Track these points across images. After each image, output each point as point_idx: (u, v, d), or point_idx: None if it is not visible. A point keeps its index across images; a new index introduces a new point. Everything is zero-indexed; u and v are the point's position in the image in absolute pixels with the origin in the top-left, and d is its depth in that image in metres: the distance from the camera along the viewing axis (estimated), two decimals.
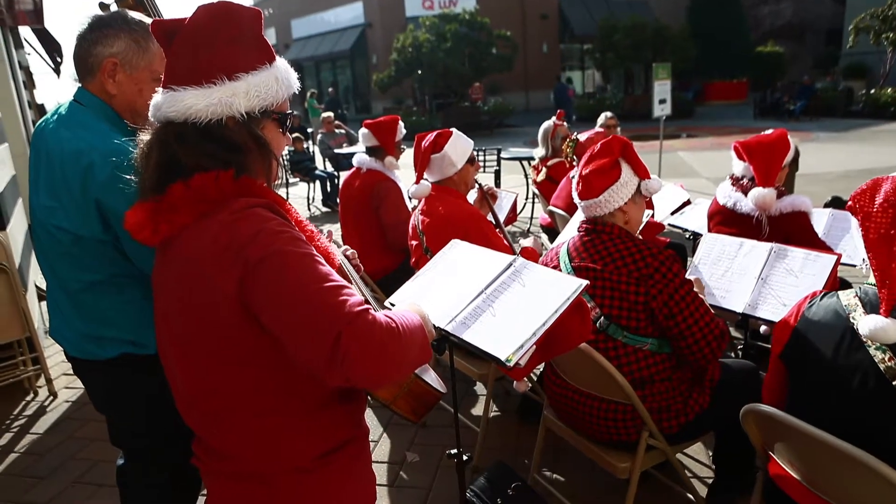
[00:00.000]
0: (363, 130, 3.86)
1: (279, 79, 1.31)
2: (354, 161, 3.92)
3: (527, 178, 7.97)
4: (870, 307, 1.51)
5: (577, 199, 2.23)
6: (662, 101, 9.51)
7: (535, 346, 1.65)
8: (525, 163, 7.97)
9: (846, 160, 11.20)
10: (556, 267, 2.24)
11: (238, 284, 1.09)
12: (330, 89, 26.69)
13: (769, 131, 3.18)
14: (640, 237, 2.44)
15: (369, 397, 1.44)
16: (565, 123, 5.36)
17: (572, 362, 2.17)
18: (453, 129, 3.11)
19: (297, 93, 1.38)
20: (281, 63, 1.34)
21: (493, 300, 1.83)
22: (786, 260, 2.63)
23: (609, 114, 6.40)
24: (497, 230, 3.13)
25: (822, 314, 1.62)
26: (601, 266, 2.10)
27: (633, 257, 2.06)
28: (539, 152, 5.27)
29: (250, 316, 1.12)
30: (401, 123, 3.92)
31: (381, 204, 3.75)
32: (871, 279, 1.57)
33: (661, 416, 2.07)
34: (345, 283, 1.11)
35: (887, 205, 1.44)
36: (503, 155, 8.11)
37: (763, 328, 3.21)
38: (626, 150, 2.18)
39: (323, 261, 1.13)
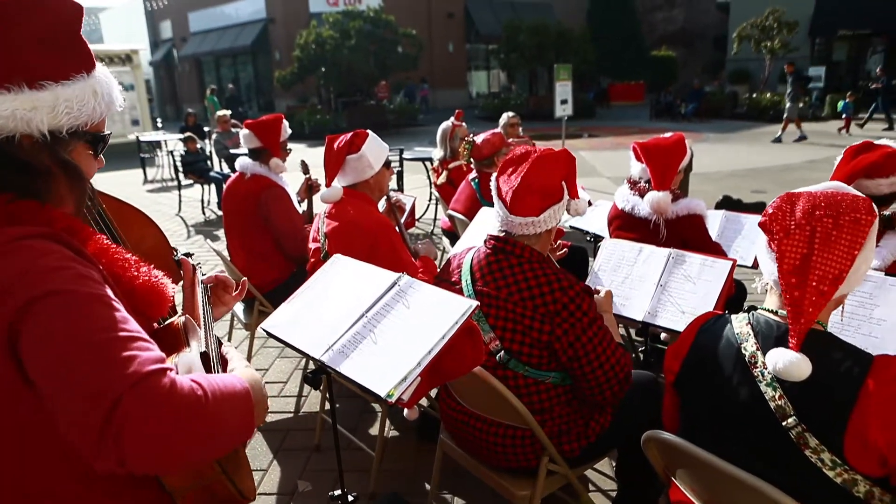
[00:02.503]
0: (244, 131, 3.55)
1: (98, 93, 1.05)
2: (237, 165, 3.61)
3: (430, 179, 7.82)
4: (762, 337, 1.42)
5: (501, 210, 1.95)
6: (564, 102, 9.64)
7: (420, 378, 1.47)
8: (428, 163, 7.82)
9: (734, 159, 11.81)
10: (458, 281, 2.05)
11: (6, 335, 0.85)
12: (230, 86, 25.62)
13: (668, 134, 3.16)
14: (553, 246, 2.31)
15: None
16: (464, 124, 5.22)
17: (468, 386, 2.01)
18: (369, 131, 2.90)
19: (119, 110, 1.12)
20: (102, 73, 1.08)
21: (375, 325, 1.64)
22: (684, 266, 2.60)
23: (511, 113, 6.36)
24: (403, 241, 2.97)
25: (713, 342, 1.52)
26: (505, 294, 1.89)
27: (542, 290, 1.85)
28: (438, 154, 5.12)
29: (22, 374, 0.87)
30: (285, 122, 3.64)
31: (271, 212, 3.47)
32: (766, 303, 1.49)
33: (562, 439, 1.95)
34: (140, 334, 0.87)
35: (805, 222, 1.33)
36: (406, 155, 7.91)
37: (663, 335, 3.20)
38: (572, 169, 1.97)
39: (118, 305, 0.89)
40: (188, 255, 1.43)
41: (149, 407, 0.79)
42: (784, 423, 1.32)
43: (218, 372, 1.12)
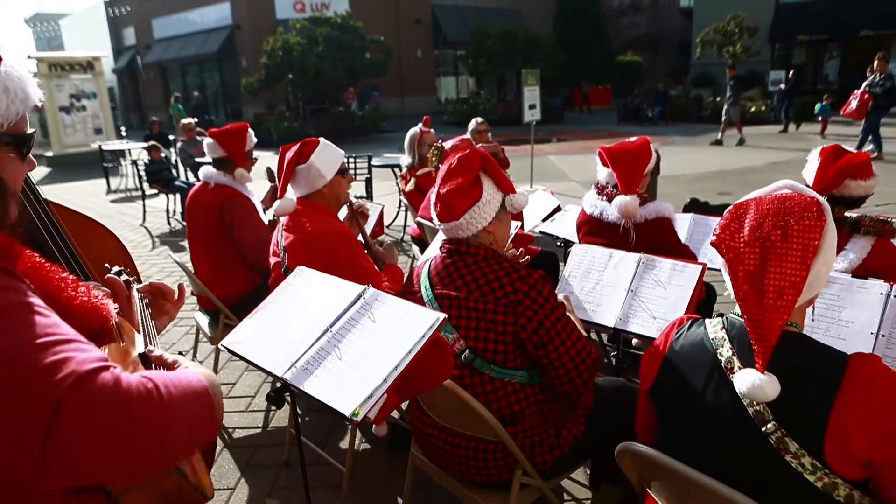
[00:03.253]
0: (207, 140, 3.46)
1: (10, 89, 0.96)
2: (201, 175, 3.51)
3: (399, 185, 7.76)
4: (738, 342, 1.40)
5: (436, 222, 1.99)
6: (532, 107, 9.66)
7: (386, 395, 1.42)
8: (397, 169, 7.75)
9: (700, 162, 11.98)
10: (418, 291, 2.01)
11: None
12: (196, 93, 25.25)
13: (633, 139, 3.16)
14: (510, 252, 2.29)
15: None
16: (432, 130, 5.18)
17: (437, 399, 1.95)
18: (321, 139, 2.81)
19: (39, 105, 1.02)
20: (13, 67, 0.98)
21: (340, 340, 1.58)
22: (654, 271, 2.59)
23: (479, 119, 6.33)
24: (366, 251, 2.89)
25: (688, 348, 1.50)
26: (465, 293, 1.88)
27: (501, 282, 1.85)
28: (406, 160, 5.06)
29: None
30: (250, 131, 3.55)
31: (235, 223, 3.38)
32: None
33: (535, 451, 1.91)
34: (75, 336, 0.80)
35: (753, 239, 1.32)
36: (374, 162, 7.84)
37: (635, 341, 3.19)
38: (487, 165, 1.97)
39: (48, 312, 0.82)
40: (120, 272, 1.35)
41: (93, 407, 0.72)
42: (763, 429, 1.30)
43: None
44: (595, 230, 3.16)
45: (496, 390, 1.88)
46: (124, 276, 1.32)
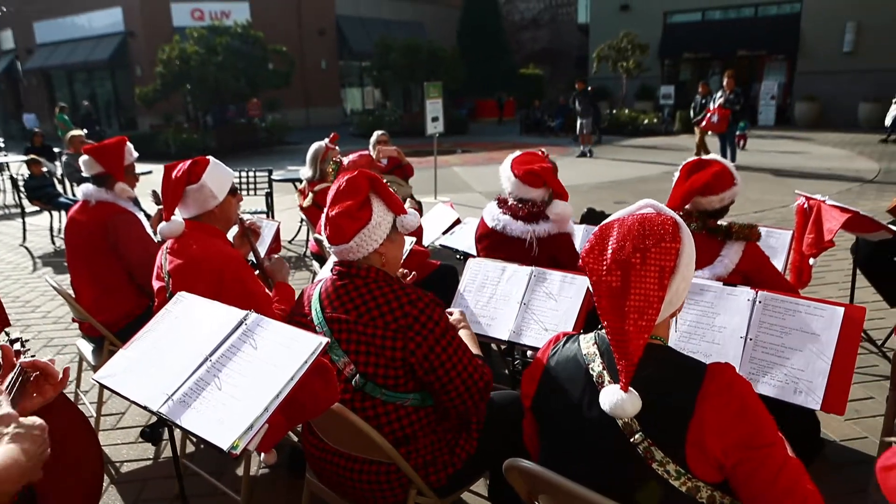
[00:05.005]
0: (83, 157, 3.27)
1: None
2: (79, 193, 3.32)
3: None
4: (607, 357, 1.46)
5: (326, 244, 1.96)
6: (435, 119, 9.76)
7: (268, 425, 1.38)
8: (297, 183, 7.60)
9: (597, 172, 12.50)
10: (309, 314, 1.97)
11: None
12: (85, 103, 23.77)
13: (542, 149, 3.30)
14: (401, 272, 2.28)
15: None
16: (337, 147, 5.13)
17: (329, 423, 1.92)
18: (210, 157, 2.70)
19: None
20: None
21: (220, 369, 1.52)
22: (545, 283, 2.66)
23: (381, 132, 6.35)
24: (257, 272, 2.80)
25: (563, 364, 1.55)
26: (355, 317, 1.85)
27: (390, 306, 1.83)
28: (306, 174, 4.98)
29: None
30: (129, 145, 3.38)
31: (121, 240, 3.21)
32: None
33: (429, 470, 1.91)
34: None
35: (615, 265, 1.38)
36: (277, 175, 7.66)
37: (529, 353, 3.26)
38: (376, 186, 1.95)
39: None
40: (14, 340, 1.28)
41: None
42: (632, 440, 1.37)
43: None
44: (496, 243, 3.22)
45: (388, 413, 1.86)
46: (17, 347, 1.25)
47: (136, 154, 3.45)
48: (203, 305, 1.78)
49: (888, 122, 15.19)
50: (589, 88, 15.29)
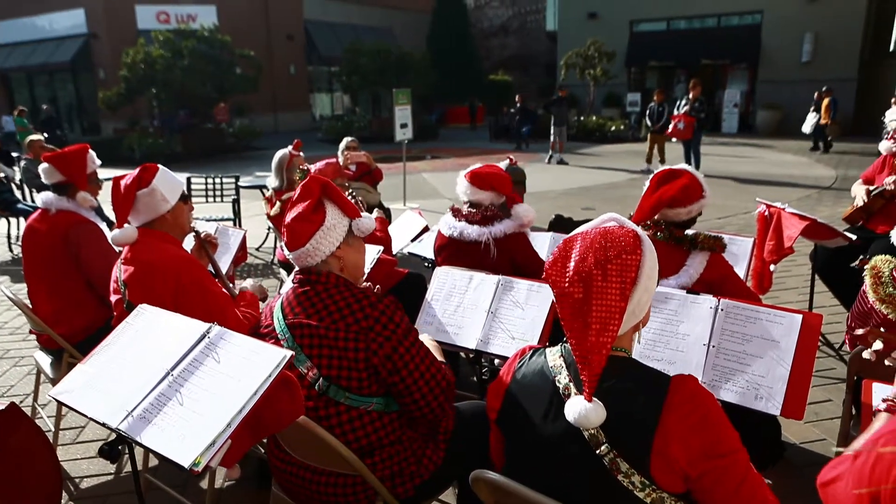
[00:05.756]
0: (43, 165, 3.19)
1: None
2: (39, 201, 3.23)
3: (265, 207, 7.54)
4: (573, 369, 1.47)
5: (286, 251, 1.97)
6: (404, 126, 9.76)
7: (230, 441, 1.36)
8: (264, 190, 7.52)
9: (566, 178, 12.63)
10: (272, 324, 1.96)
11: None
12: (45, 106, 23.20)
13: (502, 164, 3.34)
14: (365, 280, 2.27)
15: None
16: (302, 154, 5.10)
17: (293, 435, 1.90)
18: (159, 165, 2.68)
19: None
20: None
21: (182, 384, 1.50)
22: (512, 292, 2.68)
23: (350, 138, 6.33)
24: (218, 281, 2.76)
25: (530, 377, 1.56)
26: (317, 321, 1.86)
27: (351, 308, 1.85)
28: (273, 183, 4.94)
29: None
30: (91, 153, 3.31)
31: (83, 250, 3.13)
32: None
33: (395, 481, 1.90)
34: None
35: (577, 278, 1.40)
36: (245, 182, 7.57)
37: (497, 361, 3.28)
38: (328, 191, 1.99)
39: None
40: None
41: None
42: (598, 451, 1.38)
43: None
44: (455, 252, 3.25)
45: (352, 420, 1.86)
46: None
47: (98, 162, 3.37)
48: (165, 318, 1.75)
49: (806, 129, 15.78)
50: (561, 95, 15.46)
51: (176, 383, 1.49)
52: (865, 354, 2.09)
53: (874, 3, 19.85)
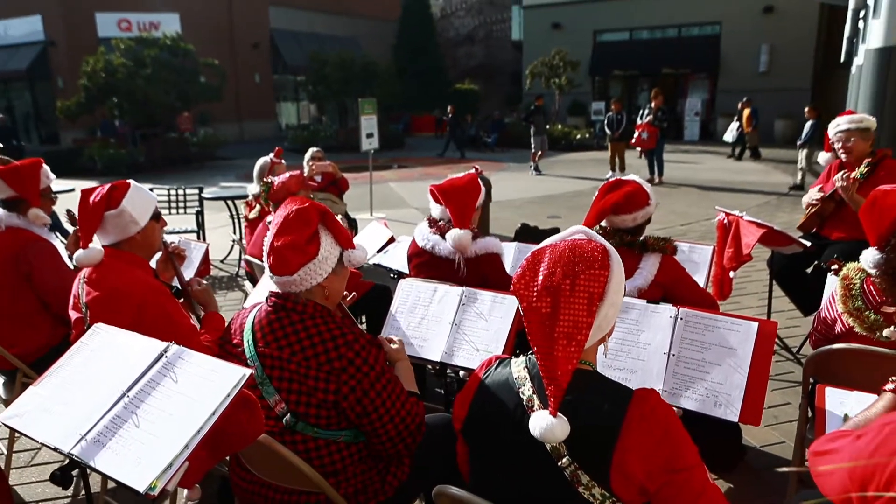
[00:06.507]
0: None
1: None
2: None
3: (233, 218, 7.43)
4: (538, 381, 1.48)
5: (268, 273, 1.88)
6: (370, 136, 9.74)
7: (188, 462, 1.33)
8: (230, 202, 7.41)
9: (531, 187, 12.75)
10: (240, 345, 1.91)
11: None
12: (0, 115, 22.59)
13: (461, 174, 3.29)
14: (340, 308, 2.21)
15: None
16: (283, 161, 5.11)
17: (256, 454, 1.87)
18: (131, 181, 2.58)
19: None
20: None
21: (138, 405, 1.47)
22: (476, 304, 2.69)
23: (315, 148, 6.31)
24: (182, 300, 2.69)
25: (495, 388, 1.57)
26: (288, 354, 1.79)
27: (325, 346, 1.78)
28: (254, 189, 4.94)
29: None
30: (46, 168, 3.20)
31: (35, 270, 3.02)
32: None
33: (359, 499, 1.88)
34: None
35: (545, 292, 1.41)
36: (207, 193, 7.45)
37: (462, 373, 3.29)
38: (326, 220, 1.90)
39: None
40: None
41: None
42: (559, 464, 1.39)
43: None
44: (426, 263, 3.24)
45: (319, 448, 1.82)
46: None
47: (53, 176, 3.27)
48: (121, 337, 1.71)
49: (728, 138, 16.28)
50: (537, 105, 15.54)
51: (132, 405, 1.46)
52: (886, 332, 2.18)
53: (825, 17, 20.55)
